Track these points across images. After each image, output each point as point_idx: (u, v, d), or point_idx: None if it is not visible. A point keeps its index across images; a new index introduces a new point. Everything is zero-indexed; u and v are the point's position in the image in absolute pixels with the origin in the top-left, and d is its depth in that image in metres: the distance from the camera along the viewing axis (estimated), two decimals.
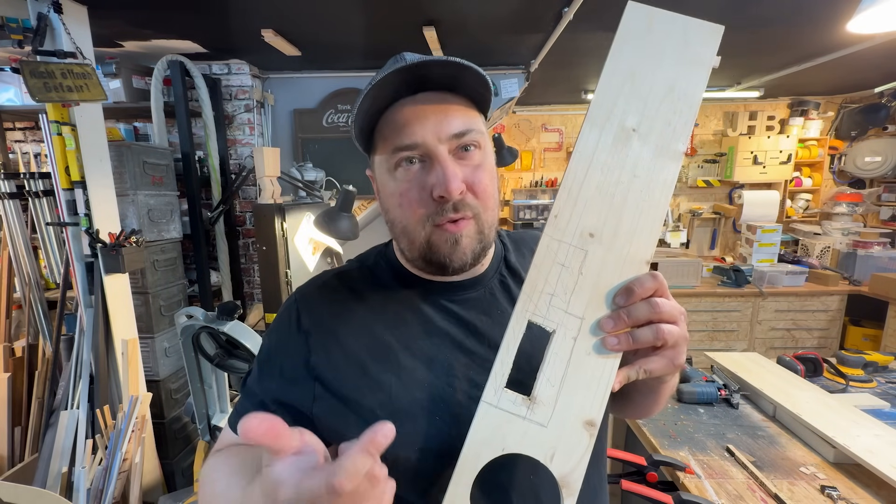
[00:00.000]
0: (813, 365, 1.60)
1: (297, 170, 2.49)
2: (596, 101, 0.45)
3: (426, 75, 0.52)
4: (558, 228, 0.45)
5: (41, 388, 2.01)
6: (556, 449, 0.43)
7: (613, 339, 0.43)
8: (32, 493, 1.49)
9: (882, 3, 1.25)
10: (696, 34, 0.45)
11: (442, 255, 0.54)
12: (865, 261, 3.27)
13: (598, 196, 0.45)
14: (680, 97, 0.45)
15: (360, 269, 0.65)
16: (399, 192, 0.54)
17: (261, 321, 2.42)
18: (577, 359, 0.44)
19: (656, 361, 0.45)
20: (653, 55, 0.45)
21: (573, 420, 0.43)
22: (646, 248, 0.45)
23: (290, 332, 0.60)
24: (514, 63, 2.73)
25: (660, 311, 0.43)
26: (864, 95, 3.56)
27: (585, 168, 0.45)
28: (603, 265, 0.44)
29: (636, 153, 0.45)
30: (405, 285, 0.61)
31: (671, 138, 0.44)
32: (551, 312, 0.44)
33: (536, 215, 3.75)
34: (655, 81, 0.45)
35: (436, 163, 0.52)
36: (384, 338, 0.57)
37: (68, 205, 1.73)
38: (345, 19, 2.00)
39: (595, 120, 0.45)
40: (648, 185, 0.45)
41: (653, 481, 1.11)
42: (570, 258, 0.45)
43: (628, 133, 0.45)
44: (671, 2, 0.50)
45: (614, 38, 0.45)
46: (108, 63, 2.26)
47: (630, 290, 0.44)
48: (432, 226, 0.53)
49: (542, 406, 0.43)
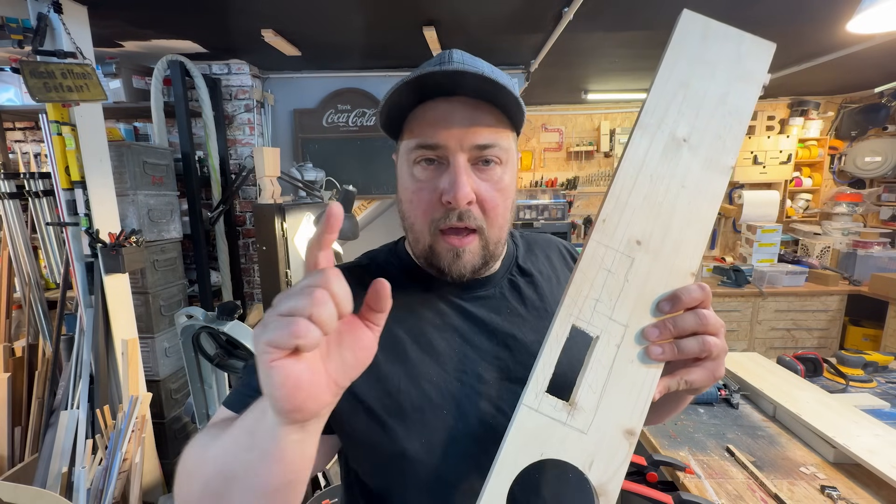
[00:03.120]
0: (813, 365, 1.60)
1: (297, 170, 2.49)
2: (648, 107, 0.44)
3: (464, 81, 0.51)
4: (605, 234, 0.44)
5: (41, 388, 2.01)
6: (594, 456, 0.42)
7: (658, 348, 0.43)
8: (32, 493, 1.49)
9: (882, 3, 1.25)
10: (750, 49, 0.44)
11: (443, 263, 0.55)
12: (865, 261, 3.27)
13: (645, 204, 0.44)
14: (731, 111, 0.44)
15: (370, 265, 0.65)
16: (413, 188, 0.55)
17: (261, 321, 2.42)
18: (619, 366, 0.43)
19: (698, 373, 0.44)
20: (707, 66, 0.44)
21: (613, 428, 0.42)
22: (692, 259, 0.44)
23: None
24: (514, 63, 2.73)
25: (706, 322, 0.43)
26: (864, 95, 3.56)
27: (635, 175, 0.44)
28: (649, 274, 0.44)
29: (686, 164, 0.44)
30: (416, 281, 0.61)
31: (721, 152, 0.44)
32: (595, 318, 0.44)
33: (536, 215, 3.74)
34: (708, 93, 0.44)
35: (451, 168, 0.52)
36: (393, 331, 0.57)
37: (68, 205, 1.73)
38: (345, 19, 2.00)
39: (646, 127, 0.44)
40: (696, 197, 0.44)
41: (653, 481, 1.11)
42: (616, 264, 0.44)
43: (679, 143, 0.44)
44: (670, 5, 0.50)
45: (668, 45, 0.45)
46: (108, 63, 2.26)
47: (677, 298, 0.43)
48: (437, 230, 0.54)
49: (582, 412, 0.43)
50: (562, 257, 0.72)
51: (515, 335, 0.59)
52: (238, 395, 0.54)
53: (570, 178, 3.89)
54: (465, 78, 0.50)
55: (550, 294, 0.65)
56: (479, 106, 0.53)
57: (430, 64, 0.53)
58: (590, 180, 3.92)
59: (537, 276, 0.66)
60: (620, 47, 2.41)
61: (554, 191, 3.89)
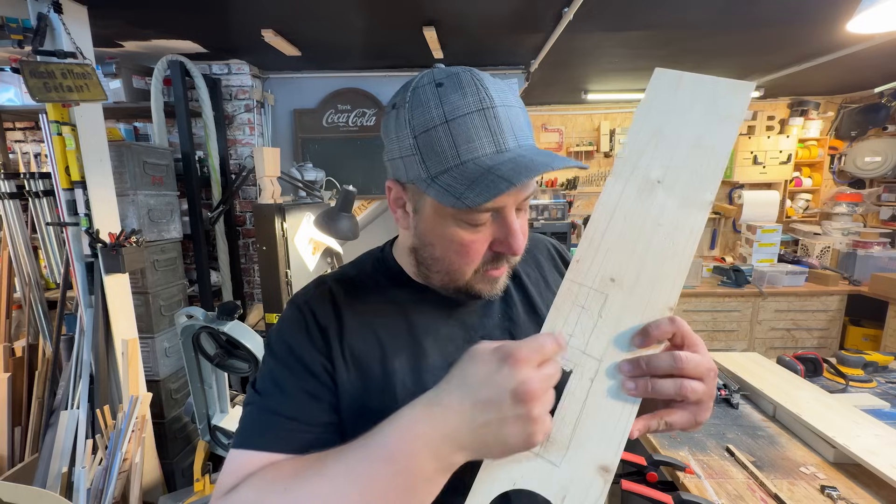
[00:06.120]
0: (813, 365, 1.60)
1: (297, 170, 2.49)
2: (620, 156, 0.47)
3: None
4: (580, 272, 0.46)
5: (41, 388, 2.01)
6: (567, 490, 0.42)
7: (631, 383, 0.43)
8: (32, 493, 1.49)
9: (882, 3, 1.25)
10: (725, 92, 0.46)
11: (478, 291, 0.56)
12: (865, 261, 3.27)
13: (620, 243, 0.46)
14: (707, 149, 0.45)
15: (358, 276, 0.64)
16: (463, 242, 0.52)
17: (261, 321, 2.42)
18: (593, 400, 0.43)
19: (678, 415, 0.44)
20: (679, 113, 0.46)
21: (587, 463, 0.42)
22: (668, 294, 0.44)
23: (309, 327, 0.58)
24: (514, 63, 2.73)
25: (682, 365, 0.42)
26: (864, 95, 3.56)
27: (608, 218, 0.46)
28: (623, 310, 0.45)
29: (660, 203, 0.45)
30: (407, 290, 0.62)
31: (698, 188, 0.45)
32: (570, 352, 0.44)
33: (536, 215, 3.75)
34: (682, 135, 0.46)
35: (505, 222, 0.52)
36: (387, 340, 0.57)
37: (68, 205, 1.73)
38: (345, 19, 2.00)
39: (619, 174, 0.46)
40: (672, 233, 0.45)
41: (653, 481, 1.11)
42: (589, 301, 0.45)
43: (653, 185, 0.46)
44: (670, 5, 0.50)
45: (641, 100, 0.47)
46: (108, 63, 2.26)
47: (646, 333, 0.43)
48: (484, 273, 0.55)
49: (555, 445, 0.43)
50: (551, 258, 0.73)
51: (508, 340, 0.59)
52: (272, 431, 0.52)
53: (570, 179, 3.89)
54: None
55: (539, 297, 0.66)
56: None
57: (469, 109, 0.48)
58: (590, 180, 3.93)
59: (525, 279, 0.67)
60: (620, 47, 2.41)
61: (554, 191, 3.89)
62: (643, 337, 0.43)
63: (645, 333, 0.43)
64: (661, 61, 2.68)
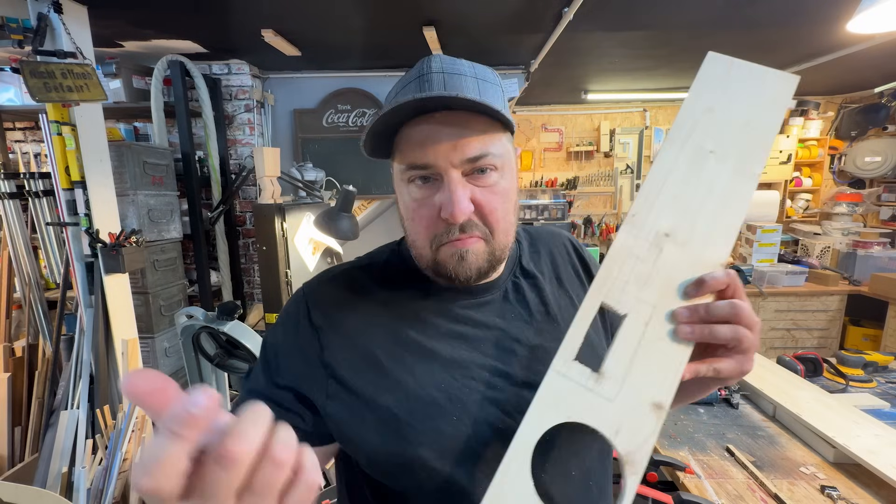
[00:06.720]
0: (813, 365, 1.60)
1: (297, 170, 2.49)
2: (677, 122, 0.49)
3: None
4: (635, 226, 0.47)
5: (41, 388, 2.00)
6: (621, 425, 0.43)
7: (688, 327, 0.43)
8: (32, 493, 1.49)
9: (882, 3, 1.25)
10: (773, 82, 0.48)
11: (448, 269, 0.55)
12: (865, 261, 3.27)
13: (674, 202, 0.47)
14: (756, 129, 0.48)
15: (371, 267, 0.64)
16: (412, 206, 0.55)
17: (261, 321, 2.42)
18: (647, 342, 0.44)
19: (727, 363, 0.45)
20: (730, 95, 0.48)
21: (641, 399, 0.43)
22: (720, 251, 0.46)
23: (300, 327, 0.58)
24: (514, 63, 2.73)
25: (739, 313, 0.44)
26: (864, 95, 3.56)
27: (663, 178, 0.48)
28: (677, 263, 0.46)
29: (713, 170, 0.47)
30: (419, 285, 0.60)
31: (747, 162, 0.47)
32: (624, 298, 0.46)
33: (536, 215, 3.75)
34: (732, 115, 0.48)
35: (445, 185, 0.52)
36: (398, 336, 0.56)
37: (68, 205, 1.73)
38: (345, 19, 2.00)
39: (675, 139, 0.48)
40: (724, 197, 0.47)
41: (653, 481, 1.11)
42: (645, 253, 0.47)
43: (706, 154, 0.48)
44: (671, 5, 0.50)
45: (694, 82, 0.49)
46: (108, 63, 2.26)
47: (702, 283, 0.44)
48: (440, 245, 0.54)
49: (609, 381, 0.44)
50: (567, 254, 0.71)
51: (520, 339, 0.58)
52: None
53: (570, 178, 3.89)
54: (445, 100, 0.49)
55: (553, 295, 0.64)
56: (465, 119, 0.52)
57: (409, 80, 0.53)
58: (590, 180, 3.92)
59: (540, 277, 0.65)
60: (620, 47, 2.41)
61: (554, 191, 3.89)
62: (698, 287, 0.44)
63: (700, 283, 0.44)
64: (660, 61, 2.68)
